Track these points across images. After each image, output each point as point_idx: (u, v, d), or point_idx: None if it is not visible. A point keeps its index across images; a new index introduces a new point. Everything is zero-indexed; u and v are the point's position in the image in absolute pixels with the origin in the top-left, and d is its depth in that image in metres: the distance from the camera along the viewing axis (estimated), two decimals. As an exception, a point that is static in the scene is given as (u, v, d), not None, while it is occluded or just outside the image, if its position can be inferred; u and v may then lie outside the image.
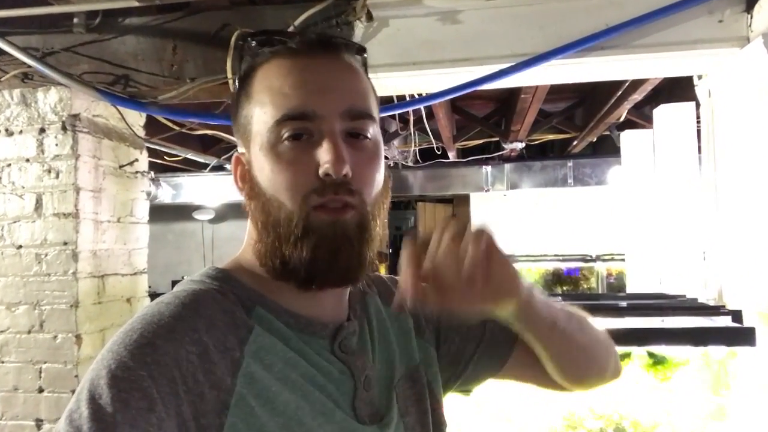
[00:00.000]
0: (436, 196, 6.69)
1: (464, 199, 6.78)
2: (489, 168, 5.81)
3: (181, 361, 0.53)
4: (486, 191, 5.90)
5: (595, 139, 4.99)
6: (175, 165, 5.23)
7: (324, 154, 0.59)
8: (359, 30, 1.79)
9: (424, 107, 3.08)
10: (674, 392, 1.61)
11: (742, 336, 1.48)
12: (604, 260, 6.19)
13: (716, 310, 1.60)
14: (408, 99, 2.06)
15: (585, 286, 6.39)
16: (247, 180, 0.65)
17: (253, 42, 0.66)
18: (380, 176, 0.64)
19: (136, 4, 1.82)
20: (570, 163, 5.67)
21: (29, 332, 1.87)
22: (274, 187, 0.61)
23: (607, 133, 4.75)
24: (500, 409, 1.72)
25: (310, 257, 0.60)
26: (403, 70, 1.81)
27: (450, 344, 0.78)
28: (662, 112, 2.31)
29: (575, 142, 5.20)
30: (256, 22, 1.87)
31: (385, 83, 1.89)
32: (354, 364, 0.65)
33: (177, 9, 1.93)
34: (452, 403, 1.79)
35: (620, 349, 1.54)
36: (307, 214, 0.60)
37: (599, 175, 5.50)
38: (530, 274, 6.51)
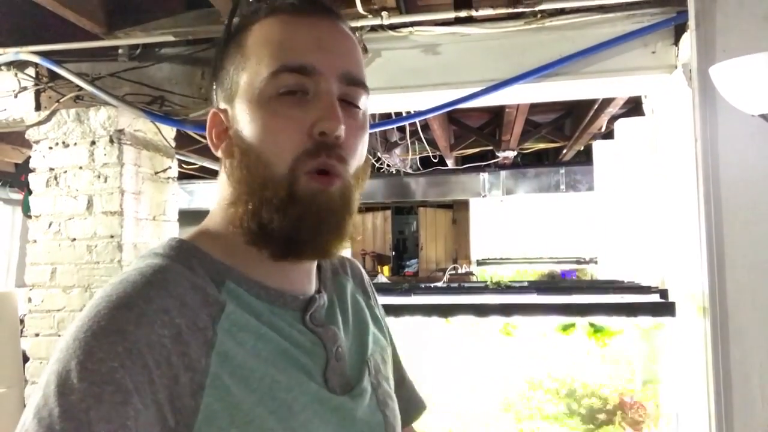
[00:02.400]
0: (437, 201, 7.05)
1: (464, 204, 7.13)
2: (486, 175, 6.15)
3: (154, 346, 0.51)
4: (483, 197, 6.25)
5: (582, 148, 5.34)
6: (190, 172, 5.62)
7: (320, 112, 0.58)
8: (356, 59, 2.16)
9: (420, 120, 3.44)
10: (614, 359, 1.95)
11: (665, 309, 1.82)
12: (596, 262, 6.48)
13: (648, 290, 1.94)
14: (394, 116, 2.42)
15: (578, 287, 6.67)
16: (224, 138, 0.63)
17: None
18: (365, 149, 0.64)
19: (172, 38, 2.21)
20: (562, 170, 6.00)
21: (81, 311, 2.23)
22: (264, 144, 0.59)
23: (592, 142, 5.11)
24: (473, 375, 2.05)
25: (292, 227, 0.59)
26: (393, 93, 2.17)
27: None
28: (622, 125, 2.65)
29: (565, 151, 5.55)
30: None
31: (378, 104, 2.26)
32: (325, 336, 0.65)
33: (205, 41, 2.30)
34: (429, 371, 2.16)
35: (565, 320, 1.89)
36: (296, 179, 0.59)
37: (589, 182, 5.80)
38: (526, 275, 6.83)
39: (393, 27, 2.11)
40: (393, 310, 1.90)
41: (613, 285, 2.13)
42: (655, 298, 1.88)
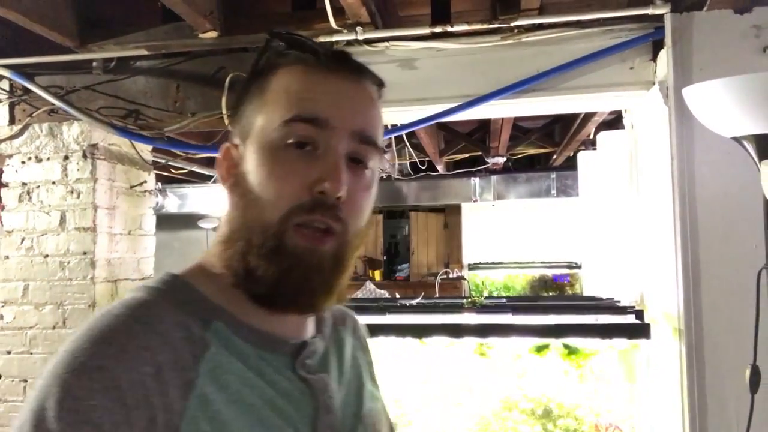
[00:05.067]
0: (429, 205, 7.03)
1: (456, 209, 7.11)
2: (477, 179, 6.13)
3: (134, 384, 0.49)
4: (474, 201, 6.22)
5: (572, 153, 5.32)
6: (181, 177, 5.59)
7: (324, 171, 0.58)
8: (332, 74, 2.13)
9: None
10: (590, 380, 1.93)
11: (640, 331, 1.80)
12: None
13: (624, 310, 1.92)
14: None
15: (570, 291, 6.69)
16: (232, 174, 0.63)
17: (282, 42, 0.65)
18: (369, 209, 0.64)
19: (146, 52, 2.18)
20: (553, 175, 5.97)
21: (54, 328, 2.21)
22: (263, 190, 0.59)
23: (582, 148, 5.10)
24: (449, 396, 2.03)
25: (276, 278, 0.58)
26: (370, 107, 2.14)
27: None
28: (603, 138, 2.63)
29: (555, 156, 5.53)
30: (247, 66, 2.21)
31: (354, 118, 2.23)
32: (316, 384, 0.62)
33: (180, 55, 2.27)
34: (406, 390, 2.13)
35: (540, 341, 1.87)
36: (285, 230, 0.58)
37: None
38: (518, 280, 6.82)
39: (369, 42, 2.08)
40: (367, 330, 1.87)
41: (590, 304, 2.11)
42: (630, 318, 1.86)
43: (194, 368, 0.54)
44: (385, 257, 7.48)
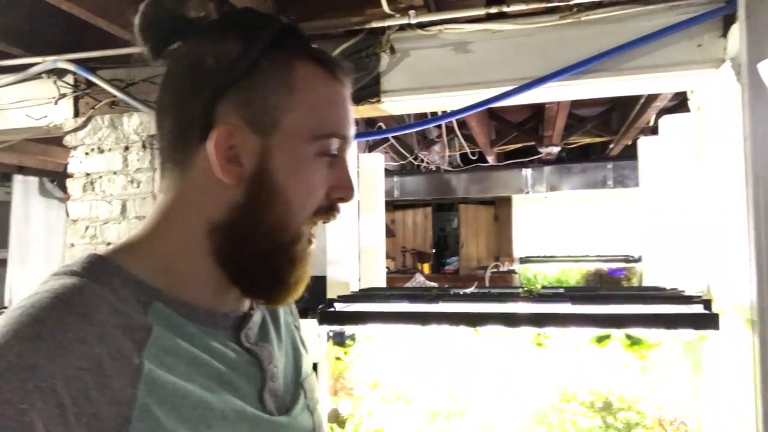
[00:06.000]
0: (478, 198, 6.92)
1: (506, 201, 6.98)
2: (529, 171, 6.00)
3: (70, 381, 0.46)
4: (526, 193, 6.10)
5: (631, 142, 5.12)
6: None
7: (342, 180, 0.63)
8: (384, 60, 2.11)
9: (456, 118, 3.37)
10: (654, 372, 1.85)
11: (707, 321, 1.70)
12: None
13: (690, 300, 1.83)
14: (430, 116, 2.37)
15: (626, 285, 6.46)
16: (243, 163, 0.59)
17: (294, 37, 0.64)
18: None
19: (201, 43, 2.21)
20: (609, 165, 5.79)
21: None
22: (297, 194, 0.61)
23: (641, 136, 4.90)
24: (505, 387, 1.99)
25: (296, 278, 0.62)
26: (422, 93, 2.11)
27: None
28: (666, 122, 2.51)
29: (612, 146, 5.35)
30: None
31: (406, 105, 2.20)
32: (261, 354, 0.64)
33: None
34: (459, 380, 2.08)
35: (600, 331, 1.80)
36: (304, 232, 0.63)
37: (638, 177, 5.58)
38: (571, 274, 6.63)
39: (422, 25, 2.05)
40: (420, 319, 1.85)
41: (654, 294, 2.02)
42: (698, 308, 1.77)
43: (138, 355, 0.51)
44: (434, 250, 7.43)
